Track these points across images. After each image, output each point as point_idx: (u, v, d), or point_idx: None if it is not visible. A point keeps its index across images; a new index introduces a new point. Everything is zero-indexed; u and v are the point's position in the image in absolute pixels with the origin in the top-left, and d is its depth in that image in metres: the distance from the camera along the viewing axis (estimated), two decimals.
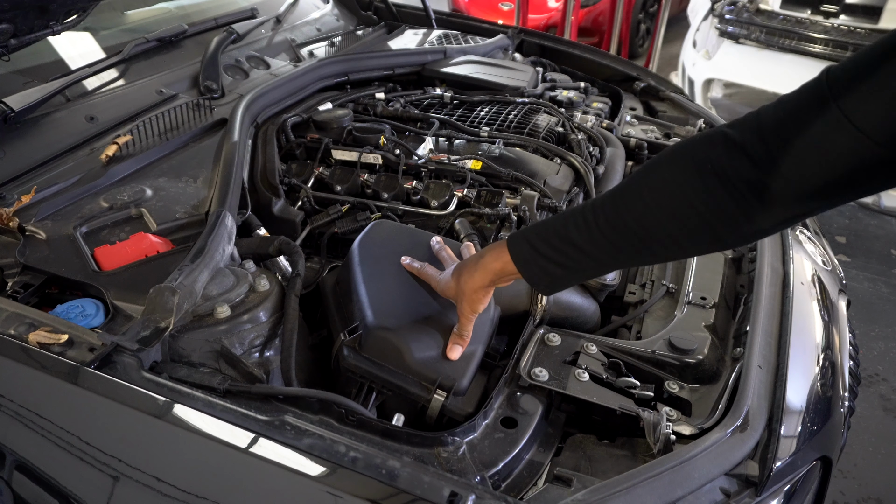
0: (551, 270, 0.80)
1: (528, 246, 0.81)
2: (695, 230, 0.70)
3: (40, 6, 1.28)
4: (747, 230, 0.69)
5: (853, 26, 3.27)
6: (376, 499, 0.68)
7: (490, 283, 0.87)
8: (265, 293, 0.97)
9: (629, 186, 0.75)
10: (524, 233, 0.83)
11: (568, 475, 0.77)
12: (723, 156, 0.66)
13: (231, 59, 1.77)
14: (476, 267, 0.87)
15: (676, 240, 0.72)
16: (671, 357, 0.97)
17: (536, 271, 0.81)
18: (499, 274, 0.85)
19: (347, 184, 1.38)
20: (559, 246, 0.78)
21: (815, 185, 0.62)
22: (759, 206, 0.66)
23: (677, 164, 0.70)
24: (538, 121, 1.63)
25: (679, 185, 0.69)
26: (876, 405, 2.28)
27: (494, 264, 0.85)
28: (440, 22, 2.45)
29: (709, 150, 0.68)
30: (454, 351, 0.91)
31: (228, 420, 0.75)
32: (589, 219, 0.75)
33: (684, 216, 0.70)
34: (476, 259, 0.88)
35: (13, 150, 1.24)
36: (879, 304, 2.78)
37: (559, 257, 0.78)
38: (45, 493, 0.80)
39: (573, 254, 0.77)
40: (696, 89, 3.84)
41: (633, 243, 0.74)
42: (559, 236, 0.78)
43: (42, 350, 0.82)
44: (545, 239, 0.79)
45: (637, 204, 0.72)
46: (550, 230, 0.79)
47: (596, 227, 0.75)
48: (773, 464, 0.78)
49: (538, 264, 0.80)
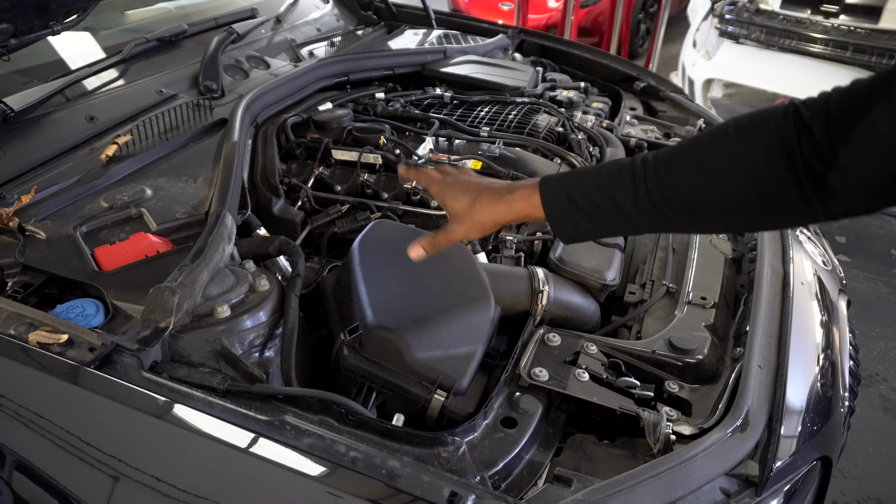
0: (581, 223, 0.76)
1: (564, 195, 0.76)
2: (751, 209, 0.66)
3: (40, 6, 1.28)
4: (802, 217, 0.65)
5: (853, 26, 3.27)
6: (376, 499, 0.68)
7: (507, 221, 0.83)
8: (265, 293, 0.97)
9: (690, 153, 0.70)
10: (561, 179, 0.77)
11: (568, 475, 0.77)
12: (793, 133, 0.62)
13: (231, 59, 1.77)
14: (499, 200, 0.81)
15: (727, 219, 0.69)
16: (671, 357, 0.96)
17: (565, 222, 0.77)
18: (521, 216, 0.81)
19: (347, 184, 1.38)
20: (599, 201, 0.73)
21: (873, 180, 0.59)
22: (817, 195, 0.62)
23: (748, 137, 0.66)
24: (538, 121, 1.63)
25: (746, 162, 0.65)
26: (876, 405, 2.28)
27: (520, 204, 0.80)
28: (440, 22, 2.45)
29: (783, 123, 0.64)
30: (416, 250, 0.86)
31: (228, 420, 0.75)
32: (639, 180, 0.71)
33: (746, 193, 0.65)
34: (501, 192, 0.82)
35: (13, 150, 1.24)
36: (879, 304, 2.78)
37: (595, 212, 0.74)
38: (45, 493, 0.80)
39: (612, 213, 0.73)
40: (696, 89, 3.84)
41: (682, 216, 0.70)
42: (601, 191, 0.73)
43: (42, 350, 0.82)
44: (584, 190, 0.75)
45: (697, 174, 0.68)
46: (591, 182, 0.74)
47: (646, 190, 0.70)
48: (773, 464, 0.78)
49: (569, 216, 0.76)
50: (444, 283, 1.01)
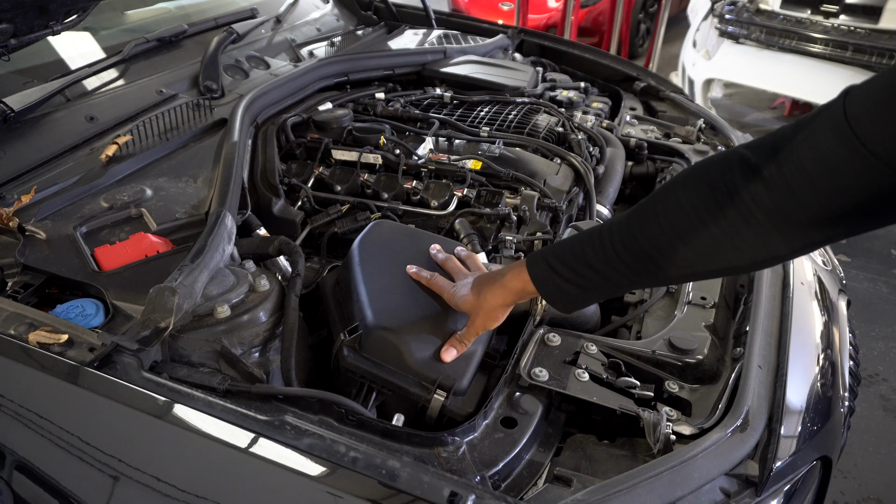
0: (568, 290, 0.81)
1: (546, 266, 0.82)
2: (709, 254, 0.69)
3: (40, 6, 1.28)
4: (763, 255, 0.67)
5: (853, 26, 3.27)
6: (376, 499, 0.68)
7: (511, 301, 0.89)
8: (265, 293, 0.97)
9: (645, 208, 0.74)
10: (543, 253, 0.84)
11: (568, 475, 0.77)
12: (738, 178, 0.64)
13: (231, 59, 1.77)
14: (498, 285, 0.88)
15: (690, 263, 0.71)
16: (671, 357, 0.96)
17: (554, 290, 0.82)
18: (519, 293, 0.87)
19: (347, 184, 1.38)
20: (575, 266, 0.79)
21: (831, 212, 0.60)
22: (775, 231, 0.64)
23: (692, 185, 0.69)
24: (538, 121, 1.63)
25: (693, 208, 0.68)
26: (876, 405, 2.28)
27: (515, 283, 0.86)
28: (440, 22, 2.45)
29: (725, 172, 0.66)
30: (448, 353, 0.91)
31: (228, 420, 0.75)
32: (605, 240, 0.76)
33: (699, 240, 0.68)
34: (497, 277, 0.89)
35: (13, 150, 1.24)
36: (879, 304, 2.78)
37: (575, 277, 0.79)
38: (45, 493, 0.80)
39: (589, 274, 0.78)
40: (696, 89, 3.84)
41: (648, 266, 0.74)
42: (575, 257, 0.79)
43: (42, 350, 0.82)
44: (562, 259, 0.80)
45: (652, 226, 0.72)
46: (567, 251, 0.80)
47: (612, 248, 0.75)
48: (773, 464, 0.78)
49: (555, 284, 0.81)
50: None
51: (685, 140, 1.74)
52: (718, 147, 1.67)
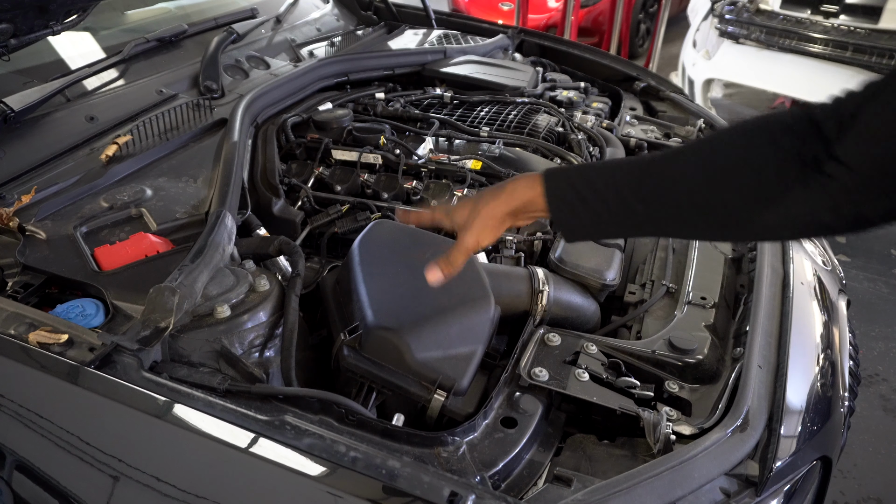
0: (582, 216, 0.74)
1: (568, 185, 0.75)
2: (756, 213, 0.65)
3: (40, 6, 1.28)
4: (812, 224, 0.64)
5: (853, 26, 3.27)
6: (376, 499, 0.68)
7: (511, 211, 0.81)
8: (265, 293, 0.97)
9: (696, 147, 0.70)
10: (566, 171, 0.76)
11: (568, 475, 0.77)
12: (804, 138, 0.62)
13: (231, 59, 1.77)
14: (502, 190, 0.80)
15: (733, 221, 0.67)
16: (671, 357, 0.96)
17: (566, 212, 0.75)
18: (524, 206, 0.79)
19: (347, 184, 1.38)
20: (604, 194, 0.72)
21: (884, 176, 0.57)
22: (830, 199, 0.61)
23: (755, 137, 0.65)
24: (538, 121, 1.63)
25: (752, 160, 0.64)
26: (876, 405, 2.28)
27: (523, 192, 0.78)
28: (440, 22, 2.45)
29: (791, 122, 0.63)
30: (433, 273, 0.85)
31: (228, 420, 0.75)
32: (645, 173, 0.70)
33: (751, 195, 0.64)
34: (501, 186, 0.81)
35: (13, 150, 1.24)
36: (879, 304, 2.78)
37: (599, 206, 0.72)
38: (45, 493, 0.80)
39: (616, 206, 0.72)
40: (696, 89, 3.84)
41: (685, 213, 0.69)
42: (606, 184, 0.72)
43: (42, 350, 0.82)
44: (589, 181, 0.73)
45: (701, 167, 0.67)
46: (597, 175, 0.73)
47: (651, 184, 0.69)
48: (773, 464, 0.78)
49: (572, 207, 0.74)
50: (444, 284, 1.01)
51: (685, 140, 1.74)
52: None
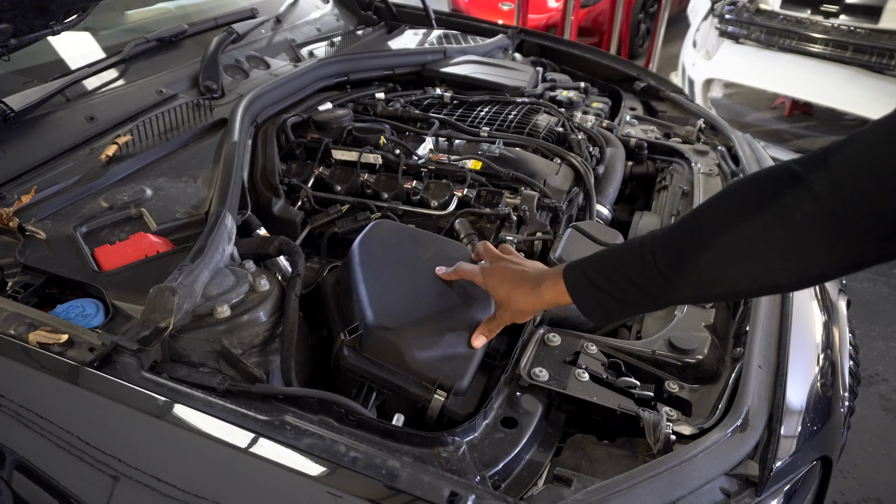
0: (606, 304, 0.80)
1: (585, 278, 0.81)
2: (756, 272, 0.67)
3: (40, 6, 1.28)
4: (811, 273, 0.65)
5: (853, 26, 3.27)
6: (376, 499, 0.68)
7: (541, 308, 0.90)
8: (265, 293, 0.97)
9: (689, 222, 0.73)
10: (581, 265, 0.83)
11: (568, 475, 0.77)
12: (788, 192, 0.63)
13: (231, 59, 1.77)
14: (531, 292, 0.88)
15: (735, 281, 0.69)
16: (671, 357, 0.96)
17: (592, 304, 0.81)
18: (553, 303, 0.87)
19: (347, 184, 1.38)
20: (616, 281, 0.78)
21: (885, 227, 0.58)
22: (823, 246, 0.62)
23: (740, 200, 0.68)
24: (538, 121, 1.63)
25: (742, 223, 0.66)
26: (876, 405, 2.28)
27: (549, 294, 0.86)
28: (440, 22, 2.45)
29: (774, 186, 0.65)
30: (479, 340, 0.93)
31: (228, 420, 0.75)
32: (647, 254, 0.74)
33: (747, 256, 0.67)
34: (531, 285, 0.88)
35: (13, 150, 1.24)
36: (879, 304, 2.78)
37: (615, 291, 0.78)
38: (45, 493, 0.80)
39: (629, 288, 0.77)
40: (696, 89, 3.84)
41: (691, 283, 0.72)
42: (616, 271, 0.78)
43: (42, 350, 0.82)
44: (602, 273, 0.79)
45: (696, 241, 0.70)
46: (608, 264, 0.79)
47: (653, 263, 0.73)
48: (773, 464, 0.78)
49: (594, 297, 0.80)
50: (444, 283, 1.01)
51: (685, 140, 1.74)
52: (718, 147, 1.67)
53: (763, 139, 3.88)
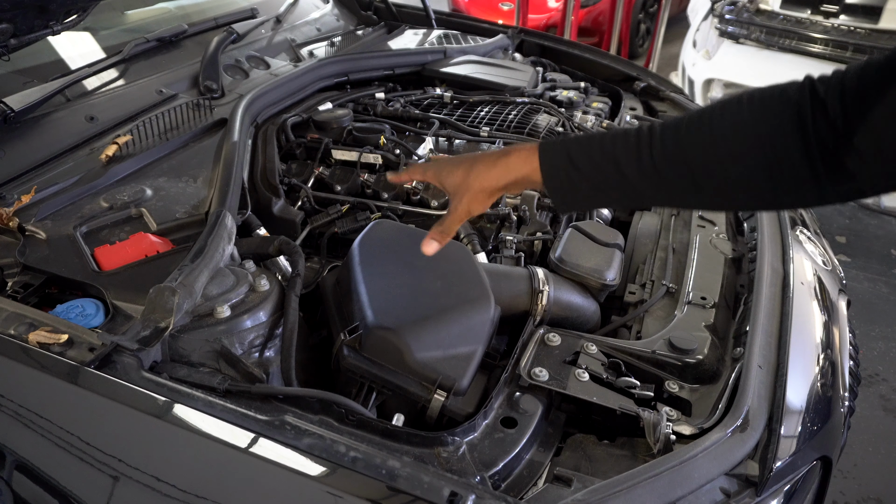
0: (580, 186, 0.74)
1: (565, 155, 0.74)
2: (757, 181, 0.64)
3: (40, 6, 1.28)
4: (810, 196, 0.63)
5: (853, 26, 3.27)
6: (376, 499, 0.68)
7: (504, 186, 0.81)
8: (265, 293, 0.97)
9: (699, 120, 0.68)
10: (564, 141, 0.75)
11: (568, 475, 0.77)
12: (807, 107, 0.61)
13: (231, 59, 1.76)
14: (496, 163, 0.79)
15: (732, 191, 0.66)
16: (671, 357, 0.96)
17: (563, 182, 0.74)
18: (518, 180, 0.79)
19: (347, 184, 1.38)
20: (601, 164, 0.71)
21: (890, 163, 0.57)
22: (828, 174, 0.61)
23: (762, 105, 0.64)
24: (538, 121, 1.63)
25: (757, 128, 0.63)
26: (876, 405, 2.28)
27: (519, 165, 0.78)
28: (440, 22, 2.45)
29: (798, 96, 0.62)
30: (429, 245, 0.85)
31: (228, 420, 0.75)
32: (643, 144, 0.69)
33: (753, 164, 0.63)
34: (496, 156, 0.80)
35: (13, 150, 1.24)
36: (879, 304, 2.78)
37: (596, 175, 0.72)
38: (45, 493, 0.80)
39: (614, 176, 0.71)
40: (696, 89, 3.84)
41: (685, 181, 0.68)
42: (605, 154, 0.71)
43: (42, 350, 0.82)
44: (587, 153, 0.73)
45: (704, 140, 0.66)
46: (595, 145, 0.73)
47: (649, 155, 0.68)
48: (773, 464, 0.78)
49: (568, 176, 0.74)
50: (444, 283, 1.01)
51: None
52: None
53: None
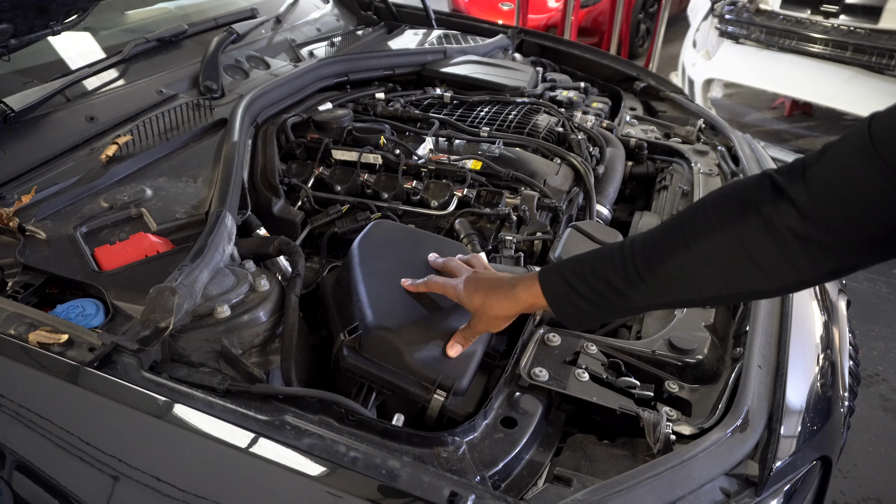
0: (583, 308, 0.79)
1: (563, 281, 0.80)
2: (736, 278, 0.68)
3: (40, 6, 1.28)
4: (791, 280, 0.66)
5: (853, 26, 3.27)
6: (376, 499, 0.68)
7: (516, 313, 0.88)
8: (265, 293, 0.97)
9: (670, 227, 0.73)
10: (558, 267, 0.82)
11: (568, 475, 0.77)
12: (768, 201, 0.64)
13: (231, 59, 1.77)
14: (505, 296, 0.86)
15: (716, 287, 0.70)
16: (671, 357, 0.96)
17: (568, 308, 0.80)
18: (527, 307, 0.85)
19: (347, 184, 1.38)
20: (594, 284, 0.77)
21: (863, 238, 0.60)
22: (805, 255, 0.63)
23: (723, 206, 0.68)
24: (538, 121, 1.63)
25: (723, 229, 0.67)
26: (876, 405, 2.28)
27: (524, 296, 0.84)
28: (440, 22, 2.45)
29: (756, 194, 0.66)
30: (454, 348, 0.91)
31: (228, 420, 0.75)
32: (627, 259, 0.74)
33: (727, 262, 0.67)
34: (506, 287, 0.87)
35: (13, 150, 1.24)
36: (879, 304, 2.78)
37: (593, 295, 0.77)
38: (45, 493, 0.80)
39: (608, 293, 0.76)
40: (696, 89, 3.84)
41: (672, 288, 0.72)
42: (594, 274, 0.77)
43: (42, 350, 0.82)
44: (580, 276, 0.78)
45: (678, 246, 0.70)
46: (587, 267, 0.78)
47: (633, 268, 0.73)
48: (773, 464, 0.78)
49: (571, 301, 0.79)
50: None
51: (685, 140, 1.74)
52: (718, 147, 1.67)
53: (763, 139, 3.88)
